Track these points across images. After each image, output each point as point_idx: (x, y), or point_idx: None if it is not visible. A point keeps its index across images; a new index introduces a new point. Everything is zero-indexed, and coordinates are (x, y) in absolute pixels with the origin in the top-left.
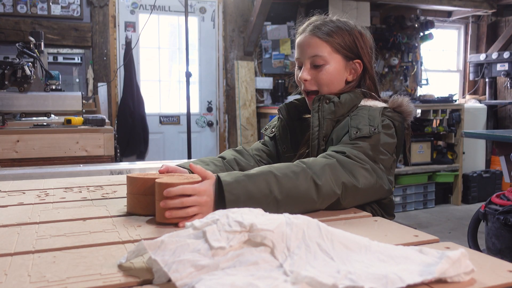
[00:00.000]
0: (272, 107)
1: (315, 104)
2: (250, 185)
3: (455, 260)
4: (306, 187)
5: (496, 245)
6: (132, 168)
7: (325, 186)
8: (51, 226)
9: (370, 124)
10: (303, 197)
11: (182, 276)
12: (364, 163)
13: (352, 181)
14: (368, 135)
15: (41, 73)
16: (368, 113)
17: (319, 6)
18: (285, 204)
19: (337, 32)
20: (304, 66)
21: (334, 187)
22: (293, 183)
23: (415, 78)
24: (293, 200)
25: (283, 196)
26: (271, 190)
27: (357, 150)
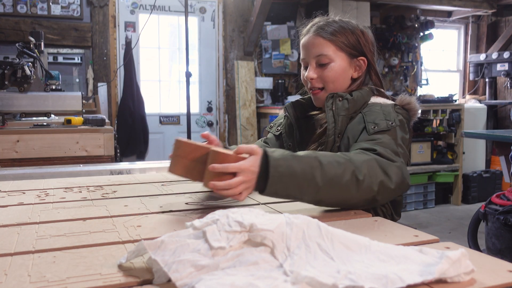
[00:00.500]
0: (272, 107)
1: (328, 102)
2: (295, 165)
3: (455, 260)
4: (348, 179)
5: (496, 245)
6: (132, 168)
7: (365, 182)
8: (51, 226)
9: (386, 119)
10: (343, 187)
11: (182, 276)
12: (395, 160)
13: (387, 181)
14: (386, 129)
15: (41, 73)
16: (382, 109)
17: (319, 6)
18: (324, 191)
19: (340, 31)
20: (310, 65)
21: (372, 184)
22: (336, 173)
23: (415, 78)
24: (333, 188)
25: (324, 182)
26: (314, 175)
27: (380, 144)
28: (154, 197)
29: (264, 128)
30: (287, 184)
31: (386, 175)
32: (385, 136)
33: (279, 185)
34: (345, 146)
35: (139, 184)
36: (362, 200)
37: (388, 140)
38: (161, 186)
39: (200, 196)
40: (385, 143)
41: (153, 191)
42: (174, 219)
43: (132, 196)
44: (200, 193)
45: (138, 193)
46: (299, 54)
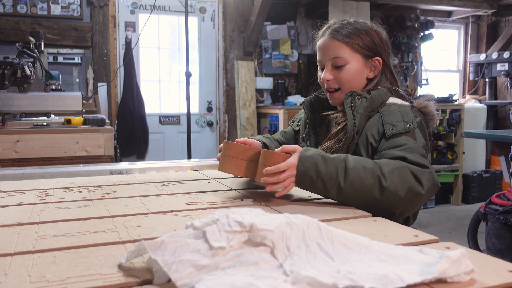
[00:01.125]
0: (272, 107)
1: (347, 100)
2: (321, 164)
3: (455, 260)
4: (371, 183)
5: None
6: (132, 168)
7: (390, 188)
8: (51, 226)
9: (404, 120)
10: (366, 191)
11: (182, 276)
12: (427, 166)
13: (418, 187)
14: (403, 131)
15: (41, 73)
16: (399, 109)
17: (319, 6)
18: (347, 192)
19: (355, 33)
20: (326, 67)
21: (399, 190)
22: (359, 176)
23: (415, 78)
24: (355, 191)
25: (346, 184)
26: (338, 175)
27: (408, 151)
28: (154, 197)
29: (264, 128)
30: (313, 180)
31: (418, 182)
32: (408, 140)
33: (306, 179)
34: (363, 143)
35: (139, 184)
36: (388, 205)
37: (413, 144)
38: (161, 186)
39: (200, 196)
40: (412, 148)
41: (153, 191)
42: (174, 219)
43: (132, 196)
44: (200, 193)
45: (138, 193)
46: (299, 54)
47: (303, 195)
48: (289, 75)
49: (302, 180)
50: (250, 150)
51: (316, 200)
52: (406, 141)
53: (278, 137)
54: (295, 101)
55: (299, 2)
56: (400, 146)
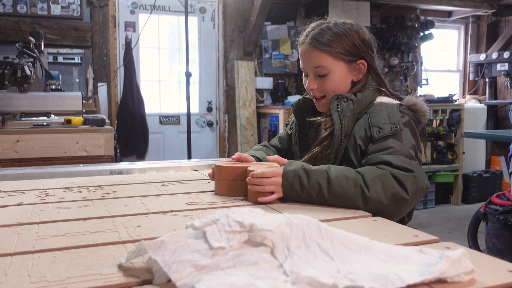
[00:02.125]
0: (272, 107)
1: (333, 103)
2: (304, 178)
3: (455, 260)
4: (354, 193)
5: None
6: (132, 168)
7: (373, 197)
8: (51, 226)
9: (390, 122)
10: (349, 201)
11: (182, 276)
12: (411, 170)
13: (401, 193)
14: (390, 134)
15: (41, 73)
16: (386, 110)
17: (319, 6)
18: (331, 203)
19: (335, 39)
20: (309, 76)
21: (382, 198)
22: (342, 187)
23: (415, 78)
24: (339, 201)
25: (330, 195)
26: (321, 187)
27: (393, 154)
28: (154, 197)
29: (264, 128)
30: (299, 192)
31: (402, 188)
32: (395, 142)
33: (292, 192)
34: (352, 146)
35: (139, 184)
36: (373, 213)
37: (399, 147)
38: (161, 186)
39: (200, 196)
40: (398, 150)
41: (153, 191)
42: (174, 219)
43: (132, 196)
44: (200, 193)
45: (138, 193)
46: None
47: None
48: (289, 75)
49: (288, 194)
50: (238, 170)
51: None
52: (392, 144)
53: (275, 143)
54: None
55: (299, 2)
56: (386, 150)
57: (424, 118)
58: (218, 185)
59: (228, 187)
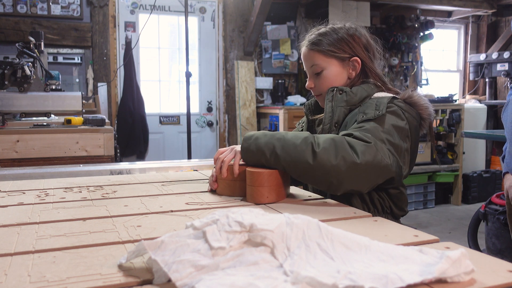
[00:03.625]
0: (272, 107)
1: (329, 95)
2: (261, 138)
3: (455, 260)
4: (303, 149)
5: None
6: (132, 168)
7: (322, 154)
8: (51, 226)
9: (376, 109)
10: (299, 156)
11: (182, 276)
12: (367, 140)
13: (352, 156)
14: (373, 118)
15: (41, 73)
16: (376, 100)
17: (319, 6)
18: (283, 159)
19: (326, 40)
20: (308, 75)
21: (331, 157)
22: (294, 143)
23: (415, 78)
24: (290, 157)
25: (282, 152)
26: (275, 146)
27: (363, 130)
28: (154, 197)
29: (264, 128)
30: (254, 153)
31: (352, 151)
32: (370, 123)
33: (249, 154)
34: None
35: (139, 184)
36: (322, 172)
37: (372, 127)
38: (161, 186)
39: (200, 196)
40: (368, 129)
41: (153, 191)
42: (174, 219)
43: (132, 196)
44: (200, 193)
45: (138, 193)
46: (299, 54)
47: (303, 195)
48: (289, 75)
49: (246, 156)
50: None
51: (316, 200)
52: (367, 125)
53: None
54: (295, 101)
55: (299, 2)
56: (359, 128)
57: (425, 113)
58: (219, 184)
59: (228, 187)
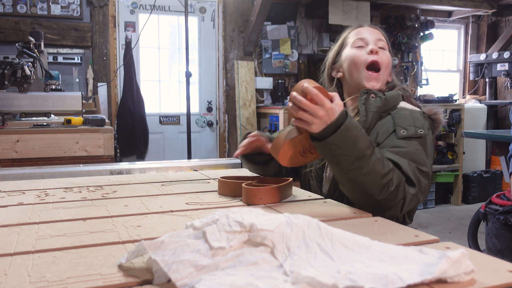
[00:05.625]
0: (272, 107)
1: (362, 97)
2: (362, 135)
3: (455, 260)
4: (384, 182)
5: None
6: (132, 168)
7: (391, 194)
8: (51, 226)
9: (415, 125)
10: (375, 186)
11: (182, 276)
12: (414, 186)
13: (402, 204)
14: (414, 136)
15: (41, 73)
16: (411, 114)
17: (319, 6)
18: (362, 177)
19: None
20: (370, 45)
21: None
22: (380, 171)
23: (415, 78)
24: (369, 179)
25: (367, 171)
26: (365, 155)
27: (411, 158)
28: (154, 197)
29: (264, 128)
30: (346, 142)
31: (404, 200)
32: (413, 144)
33: (342, 140)
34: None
35: (139, 184)
36: (377, 205)
37: (415, 150)
38: (161, 186)
39: (200, 196)
40: (412, 154)
41: (153, 191)
42: (174, 219)
43: (132, 196)
44: (200, 193)
45: (138, 193)
46: (299, 54)
47: (303, 195)
48: (289, 75)
49: (334, 141)
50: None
51: (316, 200)
52: (410, 147)
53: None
54: None
55: (299, 2)
56: (400, 148)
57: (438, 129)
58: (220, 186)
59: (229, 187)
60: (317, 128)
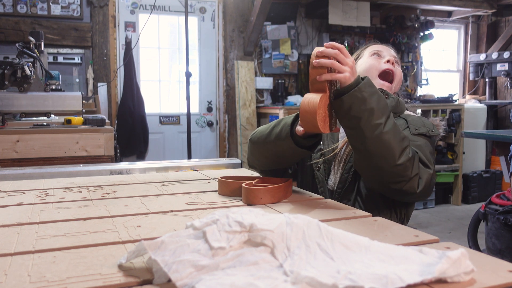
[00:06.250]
0: (272, 107)
1: None
2: (380, 96)
3: (455, 260)
4: (404, 145)
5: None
6: (132, 168)
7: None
8: (51, 226)
9: (426, 126)
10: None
11: (182, 276)
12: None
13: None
14: (426, 133)
15: (41, 73)
16: (420, 119)
17: (319, 6)
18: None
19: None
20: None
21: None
22: (399, 133)
23: (415, 78)
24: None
25: (388, 129)
26: (384, 113)
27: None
28: (154, 197)
29: None
30: (368, 101)
31: (419, 177)
32: (424, 141)
33: (362, 97)
34: None
35: (139, 184)
36: (394, 175)
37: (424, 145)
38: (161, 186)
39: (200, 196)
40: (422, 146)
41: (153, 191)
42: (174, 219)
43: (132, 196)
44: (200, 193)
45: (138, 193)
46: (299, 54)
47: (303, 195)
48: (289, 75)
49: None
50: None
51: (316, 200)
52: (422, 142)
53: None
54: (295, 101)
55: (299, 2)
56: (413, 142)
57: (437, 139)
58: (220, 185)
59: (228, 187)
60: (348, 77)
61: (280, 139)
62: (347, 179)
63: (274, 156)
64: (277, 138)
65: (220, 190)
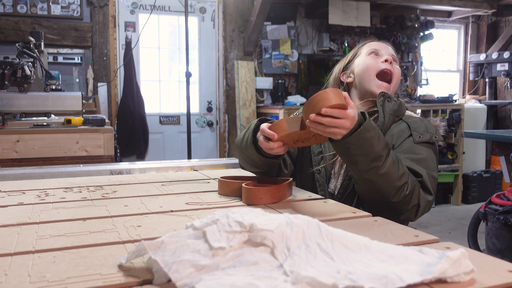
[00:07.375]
0: (272, 107)
1: (379, 99)
2: (379, 136)
3: (455, 260)
4: (399, 185)
5: (496, 245)
6: (132, 168)
7: (405, 197)
8: (51, 226)
9: (429, 131)
10: (390, 187)
11: (182, 276)
12: (431, 193)
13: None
14: (429, 141)
15: (41, 73)
16: (422, 121)
17: (319, 6)
18: (379, 178)
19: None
20: (384, 57)
21: (405, 204)
22: (395, 173)
23: (415, 78)
24: (385, 180)
25: (384, 171)
26: (382, 155)
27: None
28: (154, 197)
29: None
30: (361, 148)
31: (418, 206)
32: (428, 151)
33: (355, 144)
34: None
35: (139, 184)
36: (391, 208)
37: (430, 158)
38: (161, 186)
39: (200, 197)
40: (426, 160)
41: (153, 191)
42: (174, 219)
43: (132, 196)
44: (200, 193)
45: (138, 193)
46: (299, 54)
47: (303, 195)
48: (289, 75)
49: (357, 139)
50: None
51: (316, 200)
52: (426, 153)
53: None
54: (295, 101)
55: (299, 2)
56: (417, 155)
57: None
58: (220, 185)
59: (228, 187)
60: (341, 135)
61: (247, 146)
62: (348, 185)
63: (251, 161)
64: (246, 144)
65: (220, 190)
